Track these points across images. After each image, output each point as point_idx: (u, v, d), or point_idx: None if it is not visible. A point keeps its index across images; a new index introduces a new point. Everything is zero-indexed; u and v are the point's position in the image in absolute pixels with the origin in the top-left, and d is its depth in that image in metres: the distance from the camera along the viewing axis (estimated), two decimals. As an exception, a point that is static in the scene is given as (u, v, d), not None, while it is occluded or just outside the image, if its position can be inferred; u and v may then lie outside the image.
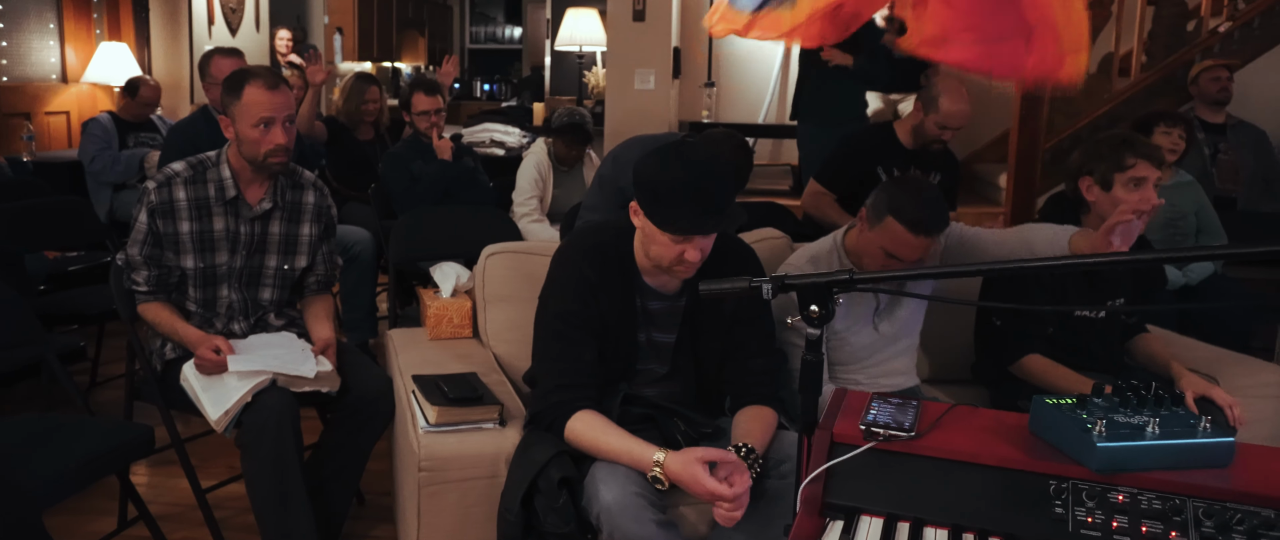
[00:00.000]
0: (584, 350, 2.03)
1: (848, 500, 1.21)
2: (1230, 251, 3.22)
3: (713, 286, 1.36)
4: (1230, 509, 1.11)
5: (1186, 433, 1.18)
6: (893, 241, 2.18)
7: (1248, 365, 2.64)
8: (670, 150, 1.95)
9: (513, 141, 5.56)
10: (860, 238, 2.30)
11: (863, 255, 2.30)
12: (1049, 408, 1.23)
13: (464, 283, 2.70)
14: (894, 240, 2.17)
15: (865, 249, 2.27)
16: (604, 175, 3.36)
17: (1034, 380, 2.39)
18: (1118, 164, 2.38)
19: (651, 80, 5.33)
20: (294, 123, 2.39)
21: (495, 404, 2.08)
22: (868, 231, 2.26)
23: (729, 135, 3.10)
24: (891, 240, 2.18)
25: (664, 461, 1.84)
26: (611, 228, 2.11)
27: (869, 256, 2.26)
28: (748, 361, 2.11)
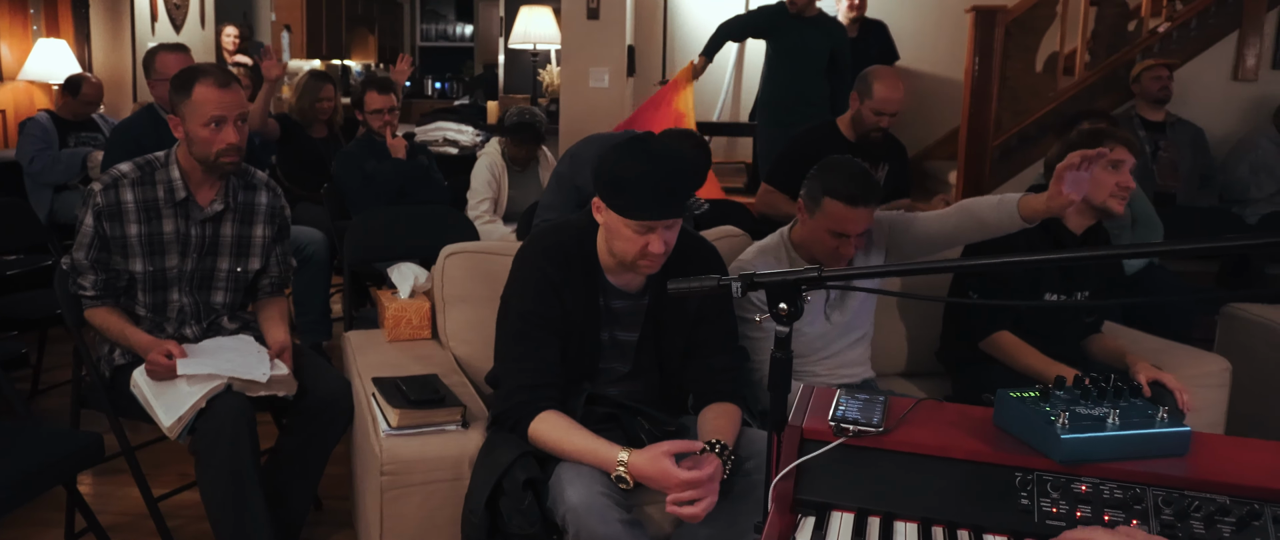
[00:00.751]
0: (547, 350, 2.02)
1: (818, 496, 1.22)
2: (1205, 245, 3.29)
3: (682, 285, 1.36)
4: (1187, 496, 1.14)
5: (1145, 423, 1.21)
6: (835, 221, 2.25)
7: (1192, 355, 2.73)
8: (630, 144, 1.96)
9: (466, 140, 5.51)
10: (804, 229, 2.35)
11: (810, 245, 2.34)
12: (1013, 401, 1.26)
13: (422, 283, 2.67)
14: (836, 219, 2.25)
15: (811, 238, 2.32)
16: (561, 173, 3.35)
17: (1002, 357, 2.45)
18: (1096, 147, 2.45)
19: (606, 78, 5.32)
20: (246, 121, 2.34)
21: (458, 406, 2.06)
22: (810, 220, 2.32)
23: (687, 133, 3.11)
24: (834, 220, 2.25)
25: (629, 460, 1.84)
26: (574, 226, 2.10)
27: (817, 244, 2.31)
28: (711, 359, 2.12)
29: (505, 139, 3.97)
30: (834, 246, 2.27)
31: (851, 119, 3.56)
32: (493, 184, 3.98)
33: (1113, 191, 2.41)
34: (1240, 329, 3.29)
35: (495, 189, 3.98)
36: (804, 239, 2.38)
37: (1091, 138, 2.47)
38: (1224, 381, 2.65)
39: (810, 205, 2.31)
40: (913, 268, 2.32)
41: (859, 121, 3.52)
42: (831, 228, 2.26)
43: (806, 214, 2.33)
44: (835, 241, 2.27)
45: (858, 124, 3.53)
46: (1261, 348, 3.16)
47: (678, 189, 1.91)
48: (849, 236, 2.26)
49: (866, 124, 3.50)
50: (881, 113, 3.46)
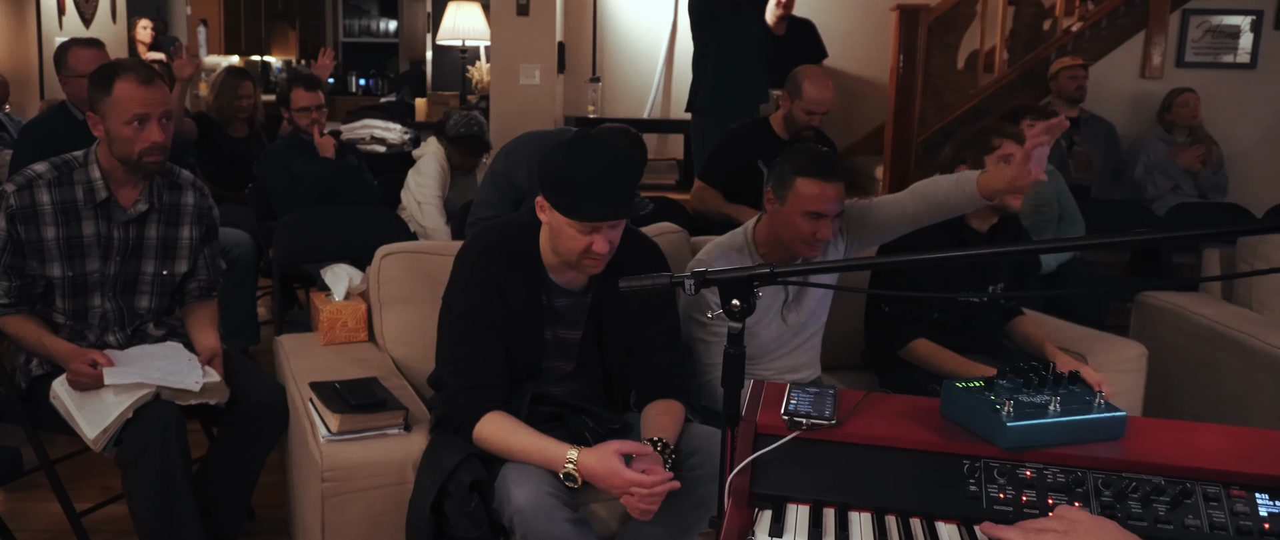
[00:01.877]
0: (491, 350, 2.00)
1: (774, 490, 1.23)
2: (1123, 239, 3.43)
3: (634, 282, 1.36)
4: (1125, 478, 1.19)
5: (1084, 409, 1.26)
6: (810, 200, 2.21)
7: (1111, 342, 2.84)
8: (574, 143, 1.95)
9: (394, 138, 5.41)
10: (773, 220, 2.31)
11: (781, 235, 2.30)
12: (959, 391, 1.29)
13: (357, 285, 2.61)
14: (810, 198, 2.21)
15: (783, 228, 2.28)
16: (497, 171, 3.32)
17: (921, 364, 2.49)
18: (985, 147, 2.52)
19: (537, 75, 5.29)
20: (171, 119, 2.26)
21: (400, 409, 2.03)
22: (781, 208, 2.28)
23: (623, 130, 3.11)
24: (808, 200, 2.21)
25: (578, 458, 1.84)
26: (517, 225, 2.08)
27: (791, 230, 2.26)
28: (654, 356, 2.12)
29: (449, 147, 3.90)
30: (811, 230, 2.22)
31: (784, 118, 3.61)
32: (438, 181, 3.90)
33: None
34: (1153, 316, 3.44)
35: (442, 187, 3.91)
36: (774, 231, 2.32)
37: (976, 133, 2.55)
38: (1141, 366, 2.77)
39: (780, 191, 2.26)
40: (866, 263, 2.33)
41: (791, 121, 3.58)
42: (806, 208, 2.22)
43: (777, 203, 2.28)
44: (812, 224, 2.22)
45: (790, 123, 3.58)
46: (1172, 333, 3.31)
47: (623, 189, 1.91)
48: (825, 216, 2.22)
49: (798, 123, 3.55)
50: (812, 112, 3.51)
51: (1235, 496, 1.17)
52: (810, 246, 2.26)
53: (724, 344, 2.27)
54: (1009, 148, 2.48)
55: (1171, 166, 4.76)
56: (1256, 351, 2.92)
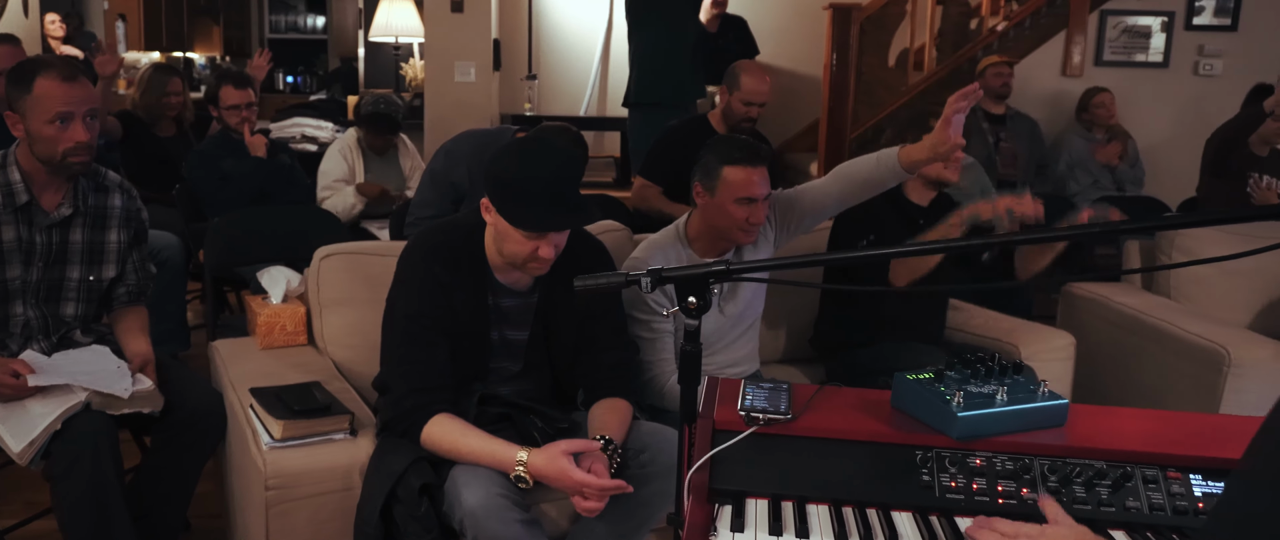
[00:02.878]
0: (437, 352, 1.98)
1: (733, 485, 1.25)
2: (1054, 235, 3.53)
3: (589, 281, 1.36)
4: (1069, 463, 1.23)
5: (1028, 398, 1.30)
6: (739, 187, 2.26)
7: (1041, 332, 2.93)
8: (522, 150, 1.93)
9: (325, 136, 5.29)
10: (707, 213, 2.34)
11: (717, 225, 2.32)
12: (910, 383, 1.32)
13: (295, 287, 2.55)
14: (739, 185, 2.26)
15: (717, 218, 2.30)
16: (436, 170, 3.28)
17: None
18: (924, 129, 2.59)
19: (472, 72, 5.24)
20: (97, 118, 2.17)
21: (345, 413, 1.99)
22: (713, 199, 2.31)
23: (564, 128, 3.09)
24: (737, 187, 2.26)
25: (528, 459, 1.83)
26: (461, 225, 2.06)
27: (725, 218, 2.29)
28: (601, 355, 2.12)
29: (361, 129, 3.86)
30: (744, 216, 2.26)
31: (722, 113, 3.64)
32: (344, 166, 3.86)
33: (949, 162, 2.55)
34: (1079, 306, 3.56)
35: (347, 171, 3.86)
36: (709, 223, 2.35)
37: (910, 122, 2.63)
38: (1069, 355, 2.86)
39: (709, 183, 2.30)
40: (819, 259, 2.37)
41: (729, 114, 3.61)
42: (737, 195, 2.26)
43: (707, 196, 2.31)
44: (744, 210, 2.26)
45: (728, 116, 3.62)
46: (1098, 323, 3.43)
47: (571, 198, 1.90)
48: (756, 200, 2.26)
49: (737, 115, 3.59)
50: (750, 103, 3.56)
51: (1172, 478, 1.22)
52: (747, 232, 2.31)
53: (665, 341, 2.33)
54: None
55: (1091, 162, 4.94)
56: (1176, 338, 3.05)
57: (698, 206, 2.36)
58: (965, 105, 2.14)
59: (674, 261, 2.32)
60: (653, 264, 2.30)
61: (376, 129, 3.83)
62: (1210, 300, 3.33)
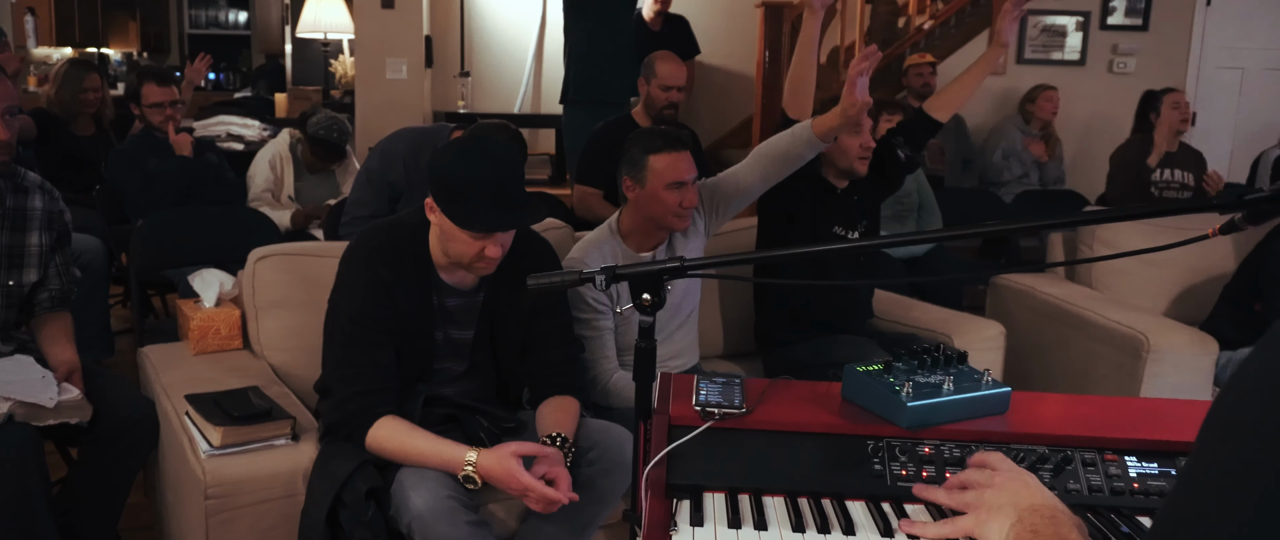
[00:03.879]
0: (381, 354, 1.95)
1: (690, 480, 1.26)
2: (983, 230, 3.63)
3: (542, 280, 1.36)
4: (1013, 449, 1.27)
5: (973, 386, 1.34)
6: (667, 171, 2.30)
7: (973, 322, 3.02)
8: (466, 149, 1.92)
9: (252, 135, 5.16)
10: (639, 205, 2.36)
11: (651, 215, 2.34)
12: (860, 375, 1.35)
13: (229, 290, 2.48)
14: (666, 171, 2.30)
15: (651, 207, 2.33)
16: (372, 169, 3.22)
17: None
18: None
19: (404, 70, 5.16)
20: (16, 115, 2.08)
21: (287, 418, 1.95)
22: (644, 190, 2.33)
23: (502, 125, 3.07)
24: (665, 172, 2.30)
25: (477, 460, 1.82)
26: (405, 224, 2.03)
27: (658, 207, 2.31)
28: (548, 353, 2.12)
29: (305, 143, 3.76)
30: (676, 201, 2.30)
31: (644, 105, 3.69)
32: (272, 177, 3.77)
33: (857, 153, 2.65)
34: (1006, 296, 3.67)
35: (275, 182, 3.78)
36: (642, 214, 2.37)
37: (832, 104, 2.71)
38: (1000, 344, 2.95)
39: (637, 175, 2.33)
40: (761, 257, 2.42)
41: (651, 104, 3.66)
42: (667, 181, 2.29)
43: (638, 188, 2.33)
44: (676, 195, 2.30)
45: (650, 107, 3.67)
46: (1024, 312, 3.54)
47: (516, 198, 1.90)
48: (686, 183, 2.30)
49: (658, 104, 3.65)
50: (668, 87, 3.62)
51: (1109, 460, 1.27)
52: (680, 217, 2.35)
53: (606, 339, 2.34)
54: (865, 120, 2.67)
55: (1025, 155, 5.10)
56: (1098, 326, 3.16)
57: (629, 201, 2.39)
58: (866, 66, 2.27)
59: (609, 258, 2.34)
60: (589, 262, 2.34)
61: (323, 155, 3.75)
62: (1129, 289, 3.47)
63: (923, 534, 1.10)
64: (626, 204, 2.41)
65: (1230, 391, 0.55)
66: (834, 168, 2.75)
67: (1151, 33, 5.89)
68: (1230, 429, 0.54)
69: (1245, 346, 2.89)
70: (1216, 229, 1.14)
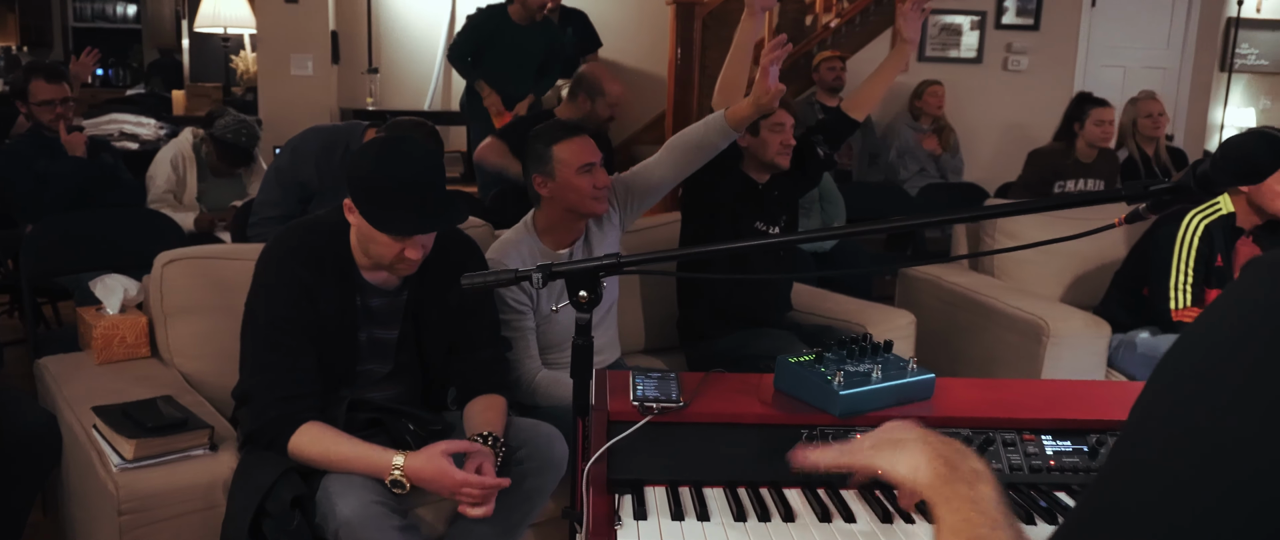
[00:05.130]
0: (302, 358, 1.90)
1: (630, 475, 1.27)
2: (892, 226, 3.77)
3: (477, 279, 1.35)
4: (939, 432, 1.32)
5: (899, 374, 1.39)
6: (575, 156, 2.30)
7: (885, 312, 3.12)
8: (386, 151, 1.88)
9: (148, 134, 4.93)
10: (554, 198, 2.35)
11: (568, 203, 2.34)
12: (792, 366, 1.39)
13: (133, 296, 2.38)
14: (575, 154, 2.30)
15: (566, 196, 2.33)
16: (281, 168, 3.13)
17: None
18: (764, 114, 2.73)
19: (310, 66, 5.02)
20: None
21: (204, 427, 1.88)
22: (556, 181, 2.33)
23: (418, 123, 3.02)
24: (573, 156, 2.30)
25: (405, 463, 1.79)
26: (324, 224, 1.99)
27: (574, 195, 2.32)
28: (476, 352, 2.10)
29: (210, 144, 3.63)
30: (590, 183, 2.30)
31: (580, 118, 3.66)
32: (173, 178, 3.63)
33: (778, 149, 2.73)
34: (914, 286, 3.80)
35: (176, 184, 3.64)
36: (559, 206, 2.36)
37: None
38: (911, 332, 3.06)
39: (546, 168, 2.32)
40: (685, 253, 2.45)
41: (593, 118, 3.67)
42: (577, 165, 2.29)
43: (549, 180, 2.33)
44: (588, 178, 2.30)
45: (588, 121, 3.65)
46: (932, 301, 3.67)
47: (439, 200, 1.87)
48: (595, 164, 2.31)
49: (601, 118, 3.67)
50: (615, 104, 3.67)
51: (1027, 440, 1.34)
52: (598, 200, 2.35)
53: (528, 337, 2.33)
54: (780, 116, 2.73)
55: (919, 151, 5.27)
56: (1001, 312, 3.30)
57: (543, 198, 2.38)
58: (779, 55, 2.34)
59: (527, 256, 2.34)
60: (508, 262, 2.33)
61: (230, 159, 3.62)
62: (1028, 277, 3.63)
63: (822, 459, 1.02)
64: (540, 203, 2.40)
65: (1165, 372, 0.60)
66: (755, 163, 2.80)
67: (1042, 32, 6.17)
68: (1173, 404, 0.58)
69: (1135, 329, 3.07)
70: (1122, 219, 1.21)
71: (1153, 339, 3.00)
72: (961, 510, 0.79)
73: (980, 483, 0.81)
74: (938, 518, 0.82)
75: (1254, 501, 0.53)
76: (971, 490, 0.80)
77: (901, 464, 0.93)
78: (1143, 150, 4.62)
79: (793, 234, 2.94)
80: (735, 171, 2.78)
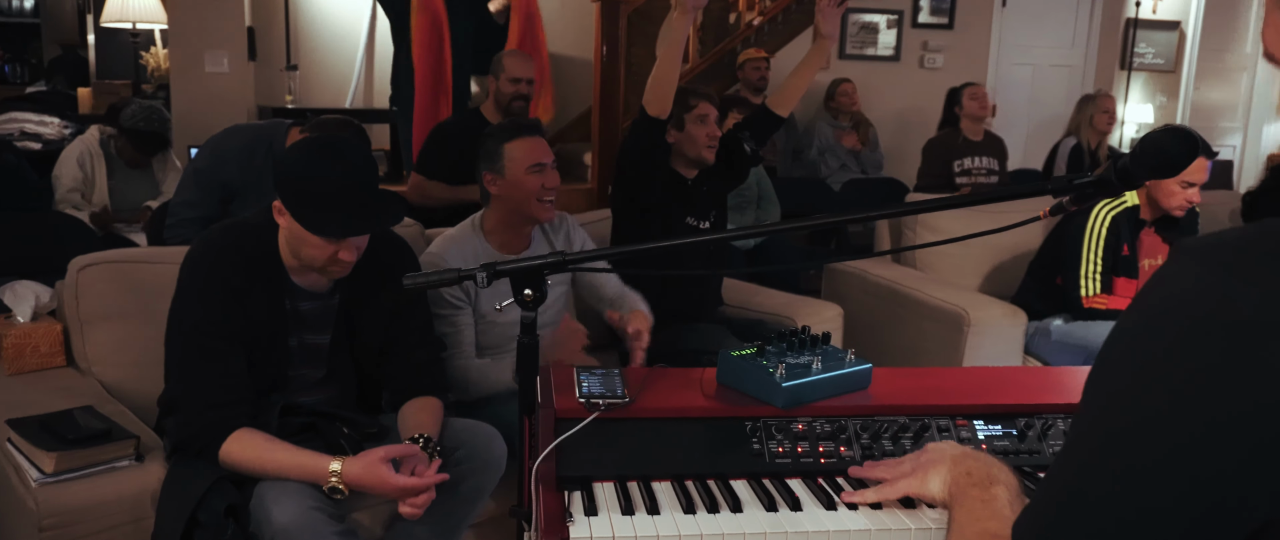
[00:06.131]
0: (231, 363, 1.85)
1: (579, 472, 1.27)
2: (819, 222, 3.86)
3: (419, 279, 1.33)
4: (877, 421, 1.37)
5: (838, 364, 1.43)
6: (526, 155, 2.30)
7: (813, 305, 3.19)
8: (317, 150, 1.84)
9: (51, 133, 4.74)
10: (503, 197, 2.34)
11: (516, 203, 2.33)
12: (735, 360, 1.41)
13: (46, 302, 2.29)
14: (525, 154, 2.30)
15: (514, 195, 2.32)
16: (201, 168, 3.04)
17: None
18: (685, 107, 2.79)
19: (225, 62, 4.87)
20: None
21: (129, 437, 1.82)
22: (505, 179, 2.32)
23: (345, 121, 2.97)
24: (525, 155, 2.30)
25: (342, 469, 1.76)
26: (252, 226, 1.94)
27: (521, 194, 2.31)
28: (410, 354, 2.08)
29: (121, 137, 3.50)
30: (538, 183, 2.30)
31: (494, 100, 3.67)
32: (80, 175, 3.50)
33: (705, 142, 2.79)
34: (840, 279, 3.89)
35: (85, 182, 3.50)
36: (507, 206, 2.35)
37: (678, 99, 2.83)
38: (839, 324, 3.13)
39: (497, 165, 2.31)
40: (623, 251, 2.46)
41: (501, 97, 3.66)
42: (527, 164, 2.29)
43: (499, 178, 2.32)
44: (537, 178, 2.30)
45: (500, 100, 3.67)
46: (857, 293, 3.76)
47: (373, 199, 1.84)
48: (546, 166, 2.32)
49: (508, 96, 3.65)
50: (517, 79, 3.63)
51: (960, 425, 1.39)
52: (545, 203, 2.35)
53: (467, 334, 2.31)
54: (704, 108, 2.79)
55: (839, 147, 5.40)
56: (924, 304, 3.40)
57: (492, 196, 2.36)
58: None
59: (471, 255, 2.32)
60: (450, 257, 2.31)
61: (145, 148, 3.49)
62: (948, 268, 3.75)
63: (862, 499, 1.20)
64: (490, 201, 2.39)
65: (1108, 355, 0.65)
66: (683, 158, 2.83)
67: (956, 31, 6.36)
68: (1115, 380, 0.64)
69: (1049, 316, 3.19)
70: (1046, 211, 1.26)
71: (1066, 326, 3.13)
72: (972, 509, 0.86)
73: (995, 486, 0.89)
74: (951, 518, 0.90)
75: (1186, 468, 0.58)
76: (984, 492, 0.88)
77: (933, 485, 1.07)
78: (1089, 142, 4.90)
79: (724, 230, 2.98)
80: (664, 168, 2.81)
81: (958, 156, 4.88)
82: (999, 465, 0.94)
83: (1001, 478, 0.90)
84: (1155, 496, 0.60)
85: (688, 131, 2.79)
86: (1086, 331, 3.02)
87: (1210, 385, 0.58)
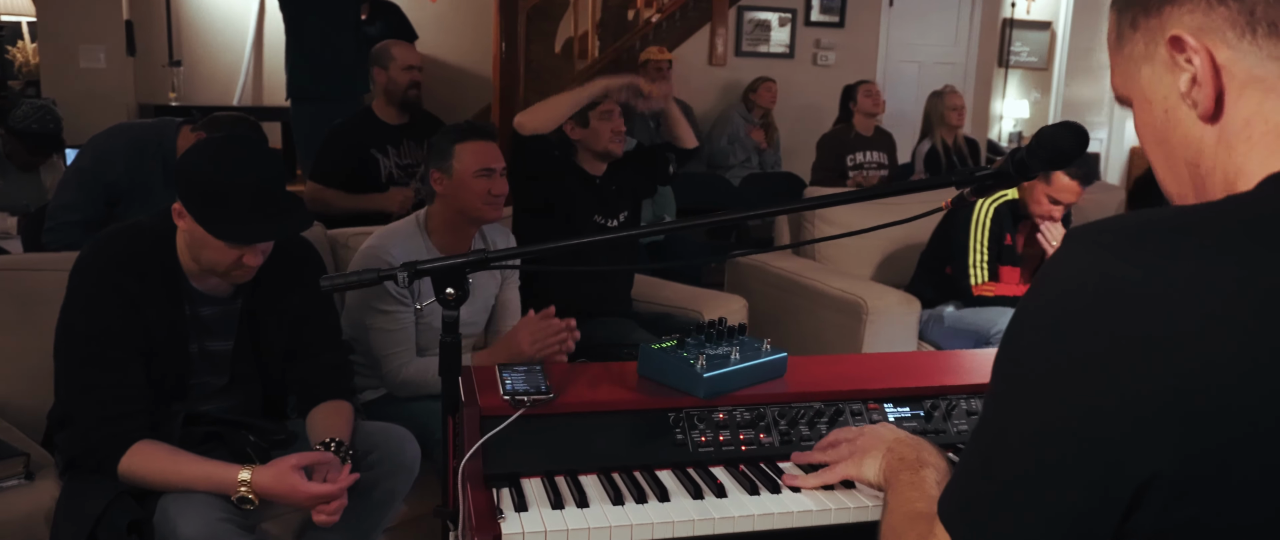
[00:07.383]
0: (128, 373, 1.78)
1: (505, 468, 1.28)
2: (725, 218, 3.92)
3: (338, 280, 1.31)
4: (793, 408, 1.42)
5: (755, 354, 1.47)
6: (476, 158, 2.29)
7: (718, 297, 3.25)
8: (221, 151, 1.78)
9: (-92, 133, 4.40)
10: (449, 197, 2.32)
11: (461, 204, 2.31)
12: (655, 352, 1.44)
13: (-84, 315, 2.13)
14: (475, 157, 2.29)
15: (461, 196, 2.30)
16: (83, 169, 2.88)
17: None
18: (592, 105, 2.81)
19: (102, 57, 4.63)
20: None
21: (19, 455, 1.73)
22: (452, 180, 2.30)
23: (240, 118, 2.86)
24: (473, 159, 2.29)
25: (252, 478, 1.72)
26: (148, 229, 1.86)
27: (468, 195, 2.29)
28: (319, 357, 2.03)
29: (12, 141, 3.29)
30: (485, 188, 2.29)
31: (384, 94, 3.57)
32: None
33: (609, 137, 2.82)
34: (742, 272, 3.98)
35: None
36: (452, 207, 2.32)
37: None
38: (743, 316, 3.20)
39: (446, 164, 2.29)
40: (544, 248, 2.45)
41: (394, 88, 3.54)
42: (475, 167, 2.27)
43: (446, 177, 2.29)
44: (485, 182, 2.29)
45: (393, 92, 3.54)
46: (759, 285, 3.86)
47: (280, 202, 1.79)
48: (495, 171, 2.30)
49: (402, 86, 3.53)
50: (410, 66, 3.54)
51: (872, 409, 1.45)
52: (492, 205, 2.33)
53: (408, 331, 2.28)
54: (608, 105, 2.82)
55: (748, 141, 5.52)
56: (824, 293, 3.52)
57: (438, 194, 2.33)
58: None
59: (412, 252, 2.27)
60: (391, 253, 2.26)
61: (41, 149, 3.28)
62: (845, 259, 3.88)
63: (804, 484, 1.25)
64: (434, 199, 2.36)
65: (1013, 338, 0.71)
66: (589, 155, 2.84)
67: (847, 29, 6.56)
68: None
69: (941, 304, 3.35)
70: (949, 203, 1.33)
71: (957, 312, 3.28)
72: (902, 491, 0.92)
73: (924, 468, 0.96)
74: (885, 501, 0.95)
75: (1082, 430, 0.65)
76: (914, 475, 0.94)
77: (868, 470, 1.14)
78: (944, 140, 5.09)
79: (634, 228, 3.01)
80: (569, 165, 2.81)
81: (850, 151, 5.06)
82: (930, 448, 1.00)
83: (931, 461, 0.96)
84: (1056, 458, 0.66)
85: (593, 128, 2.80)
86: (976, 317, 3.18)
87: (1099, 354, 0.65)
